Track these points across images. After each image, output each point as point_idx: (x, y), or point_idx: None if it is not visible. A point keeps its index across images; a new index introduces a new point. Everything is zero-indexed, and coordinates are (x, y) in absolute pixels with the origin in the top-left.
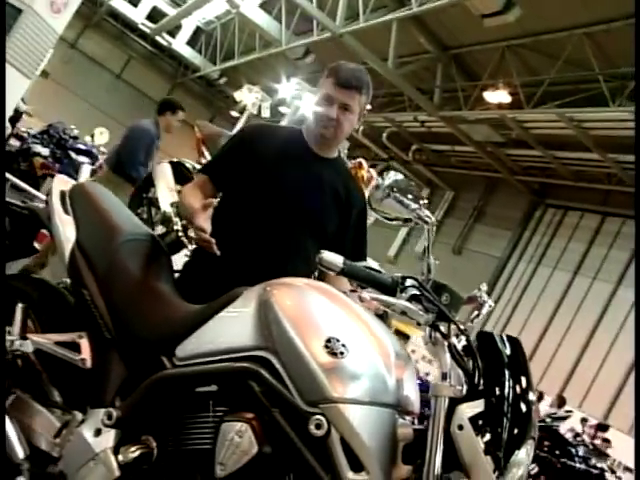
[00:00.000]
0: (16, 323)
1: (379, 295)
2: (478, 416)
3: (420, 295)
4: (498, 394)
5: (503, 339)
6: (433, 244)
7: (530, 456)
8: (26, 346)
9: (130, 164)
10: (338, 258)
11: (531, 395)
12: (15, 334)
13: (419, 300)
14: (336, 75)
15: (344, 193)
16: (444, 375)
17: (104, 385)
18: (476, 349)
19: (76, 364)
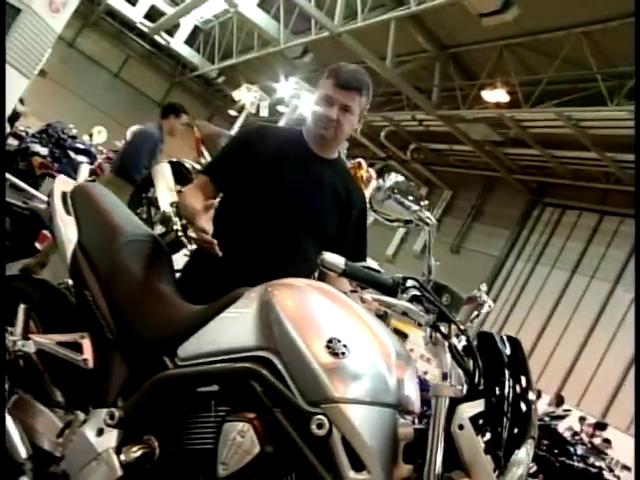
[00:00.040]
0: (18, 324)
1: (380, 296)
2: (478, 416)
3: (421, 296)
4: (498, 394)
5: (503, 339)
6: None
7: (530, 455)
8: (28, 346)
9: (133, 167)
10: (340, 259)
11: (531, 395)
12: (18, 335)
13: (420, 301)
14: (336, 76)
15: (344, 194)
16: (444, 375)
17: (106, 385)
18: (476, 349)
19: (78, 364)
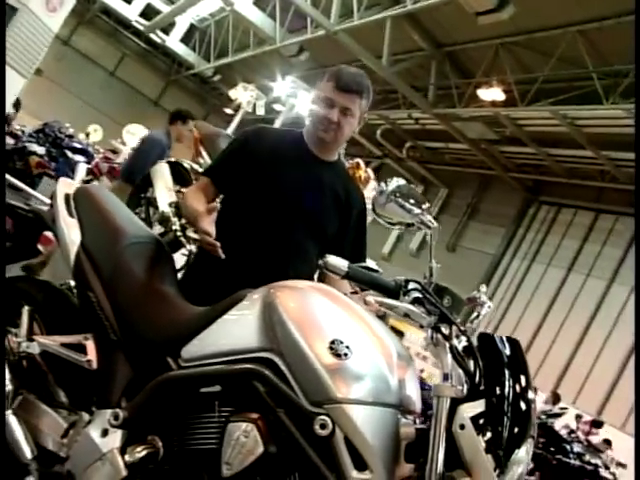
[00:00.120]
0: (23, 325)
1: (383, 298)
2: (479, 416)
3: (422, 298)
4: (498, 394)
5: (503, 340)
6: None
7: (530, 454)
8: (33, 348)
9: (141, 174)
10: (343, 262)
11: (530, 394)
12: (22, 336)
13: (422, 303)
14: (337, 79)
15: (344, 195)
16: (446, 376)
17: (110, 386)
18: (477, 350)
19: (82, 365)
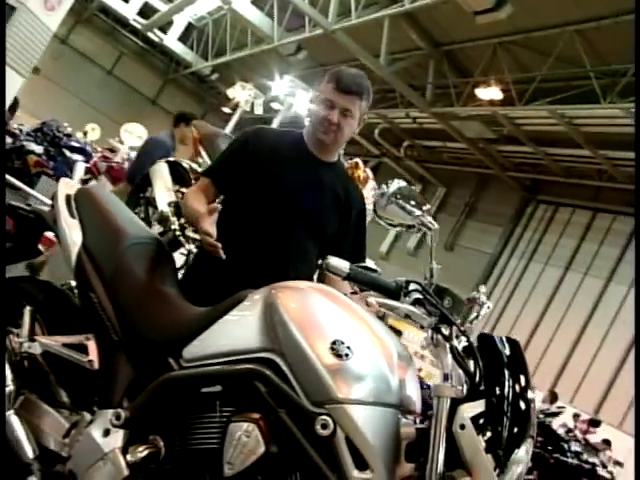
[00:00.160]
0: (24, 326)
1: (384, 299)
2: (479, 416)
3: (423, 299)
4: (498, 394)
5: (503, 340)
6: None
7: (529, 454)
8: (34, 348)
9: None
10: (344, 263)
11: (530, 394)
12: (24, 336)
13: (422, 304)
14: (337, 80)
15: (344, 195)
16: (446, 376)
17: (112, 386)
18: (477, 350)
19: (84, 366)
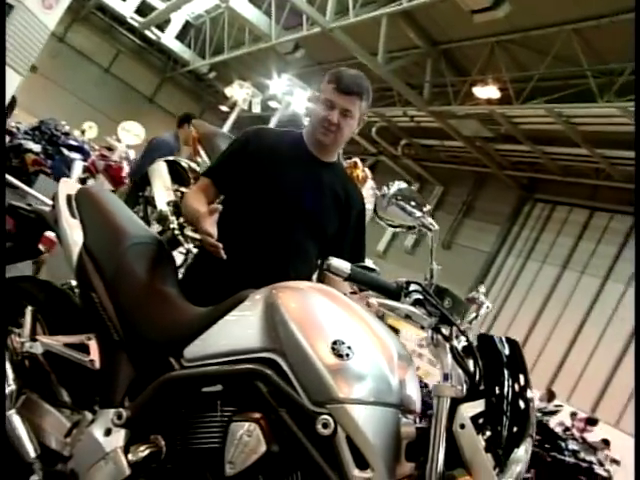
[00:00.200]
0: (26, 325)
1: (384, 300)
2: (479, 415)
3: (423, 299)
4: (498, 394)
5: (502, 340)
6: (422, 240)
7: (529, 453)
8: (36, 348)
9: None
10: (345, 264)
11: (529, 394)
12: (25, 336)
13: (423, 304)
14: (337, 81)
15: (343, 195)
16: (446, 376)
17: (113, 386)
18: (476, 350)
19: (85, 365)
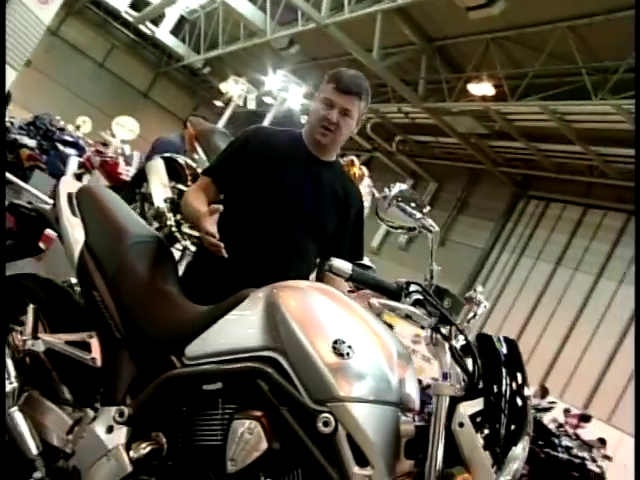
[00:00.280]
0: (28, 323)
1: (385, 300)
2: (477, 414)
3: (423, 300)
4: (496, 392)
5: (500, 339)
6: (417, 237)
7: (526, 451)
8: (37, 345)
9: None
10: (347, 265)
11: (526, 391)
12: (27, 334)
13: (422, 304)
14: (337, 81)
15: (343, 194)
16: (445, 375)
17: (115, 383)
18: (475, 349)
19: (86, 363)
